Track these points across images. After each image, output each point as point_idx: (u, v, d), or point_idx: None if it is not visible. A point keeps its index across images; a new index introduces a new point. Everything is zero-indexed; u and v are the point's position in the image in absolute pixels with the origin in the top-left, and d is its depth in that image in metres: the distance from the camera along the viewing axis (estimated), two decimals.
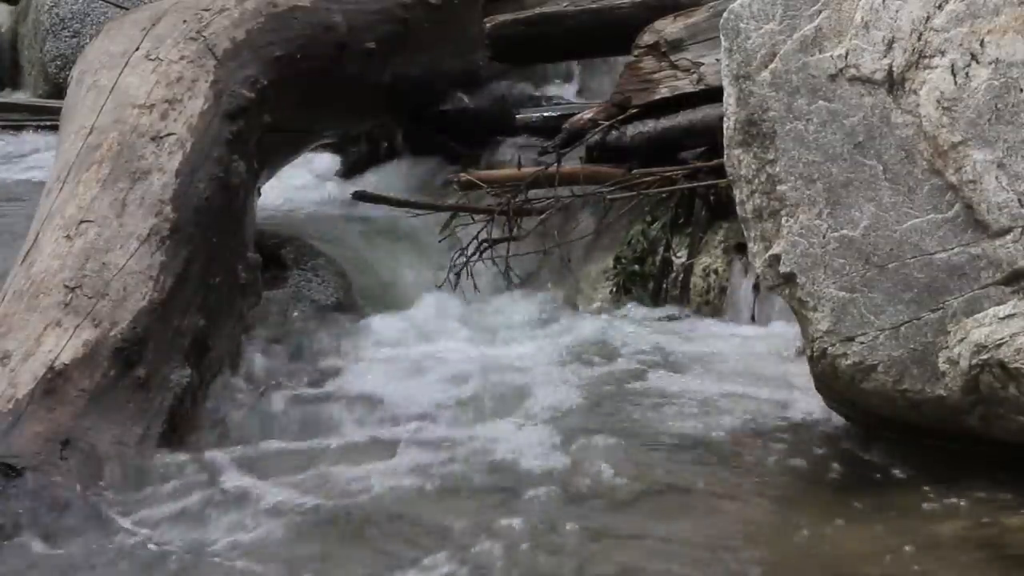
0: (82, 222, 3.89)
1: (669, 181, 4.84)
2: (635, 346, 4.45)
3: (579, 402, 3.97)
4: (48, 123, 6.54)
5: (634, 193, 4.87)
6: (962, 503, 3.23)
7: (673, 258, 4.79)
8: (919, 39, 3.37)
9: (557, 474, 3.46)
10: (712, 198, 4.80)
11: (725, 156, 3.62)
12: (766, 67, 3.50)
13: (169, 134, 4.16)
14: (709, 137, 4.78)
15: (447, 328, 4.67)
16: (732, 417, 3.82)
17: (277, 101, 4.57)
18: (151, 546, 3.10)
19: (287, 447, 3.68)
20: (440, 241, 5.06)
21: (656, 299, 4.79)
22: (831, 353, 3.42)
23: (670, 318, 4.69)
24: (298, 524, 3.20)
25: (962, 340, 3.28)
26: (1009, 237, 3.26)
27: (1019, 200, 3.25)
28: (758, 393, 4.00)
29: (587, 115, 5.19)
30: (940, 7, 3.36)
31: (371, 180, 5.77)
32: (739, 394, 4.00)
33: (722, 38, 3.58)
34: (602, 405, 3.95)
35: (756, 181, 3.52)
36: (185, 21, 4.54)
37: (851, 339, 3.39)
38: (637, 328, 4.60)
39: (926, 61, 3.35)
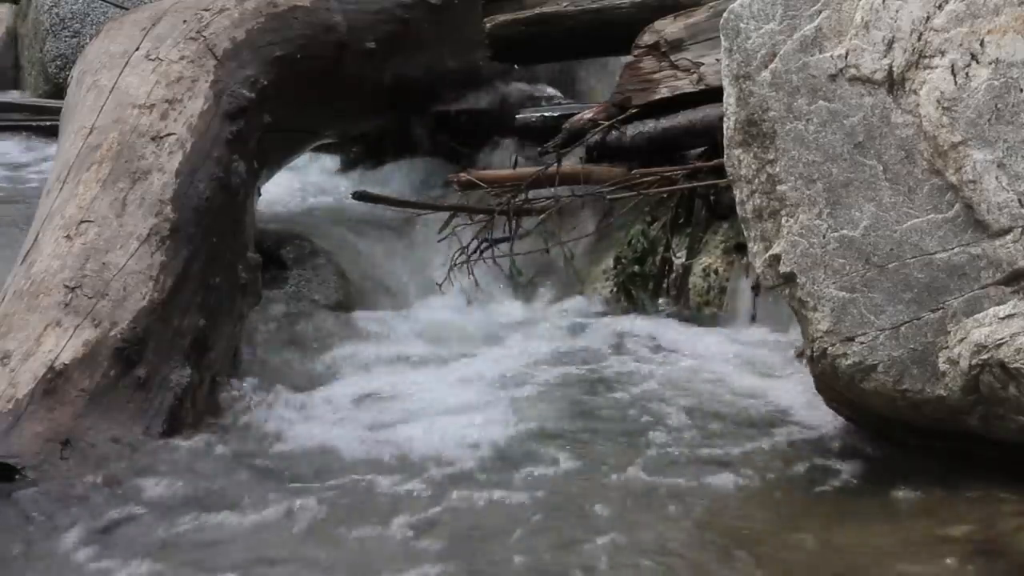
0: (82, 222, 3.90)
1: (669, 181, 4.84)
2: (634, 347, 4.45)
3: (575, 404, 3.97)
4: (48, 123, 6.54)
5: (634, 193, 4.88)
6: (962, 504, 3.23)
7: (673, 258, 4.79)
8: (919, 39, 3.37)
9: (550, 476, 3.46)
10: (712, 198, 4.80)
11: (725, 156, 3.63)
12: (766, 67, 3.50)
13: (169, 134, 4.17)
14: (709, 137, 4.78)
15: (446, 327, 4.68)
16: (731, 418, 3.83)
17: (277, 101, 4.57)
18: (150, 546, 3.11)
19: (286, 447, 3.68)
20: (439, 241, 5.06)
21: (656, 299, 4.79)
22: (831, 353, 3.42)
23: (670, 318, 4.69)
24: (299, 525, 3.20)
25: (962, 340, 3.28)
26: (1009, 237, 3.26)
27: (1019, 200, 3.25)
28: (758, 393, 4.00)
29: (587, 115, 5.19)
30: (940, 7, 3.36)
31: (371, 180, 5.77)
32: (739, 395, 4.00)
33: (722, 38, 3.58)
34: (599, 407, 3.95)
35: (756, 181, 3.52)
36: (185, 21, 4.54)
37: (851, 339, 3.39)
38: (636, 328, 4.60)
39: (926, 61, 3.35)
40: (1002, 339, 3.24)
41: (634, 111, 5.09)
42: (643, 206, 4.92)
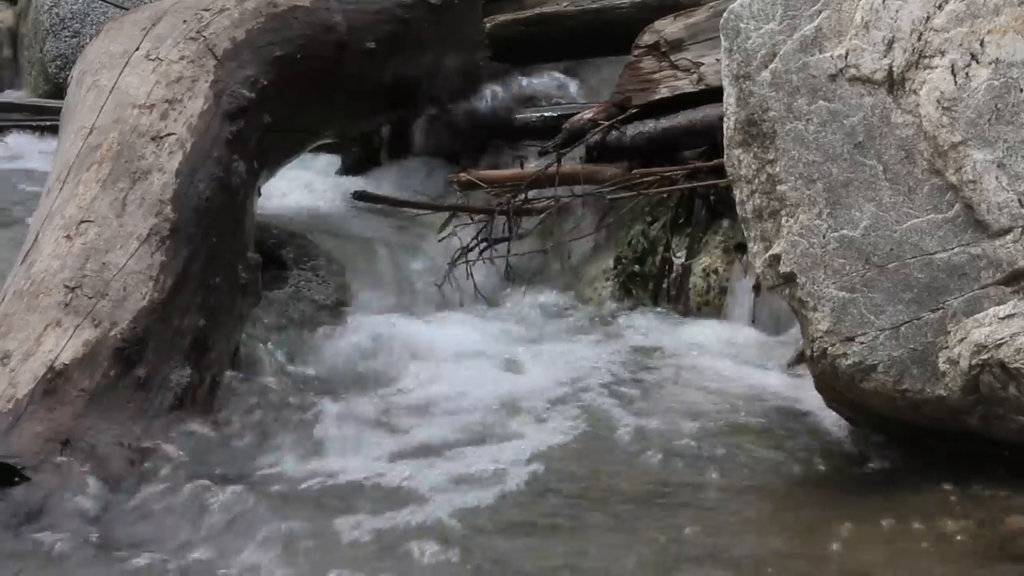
0: (82, 222, 3.89)
1: (669, 181, 4.85)
2: (634, 347, 4.45)
3: (575, 404, 3.96)
4: (48, 123, 6.54)
5: (634, 193, 4.88)
6: (963, 503, 3.23)
7: (673, 258, 4.80)
8: (919, 39, 3.37)
9: (551, 479, 3.46)
10: (712, 198, 4.80)
11: (725, 156, 3.63)
12: (766, 67, 3.50)
13: (169, 134, 4.16)
14: (709, 137, 4.78)
15: (445, 328, 4.67)
16: (732, 418, 3.83)
17: (277, 101, 4.57)
18: (149, 547, 3.10)
19: (286, 448, 3.68)
20: (439, 241, 5.06)
21: (656, 299, 4.79)
22: (831, 353, 3.42)
23: (669, 318, 4.69)
24: (298, 523, 3.20)
25: (962, 340, 3.28)
26: (1009, 237, 3.26)
27: (1019, 200, 3.25)
28: (758, 393, 4.00)
29: (587, 115, 5.20)
30: (940, 7, 3.36)
31: (371, 180, 5.78)
32: (739, 394, 4.01)
33: (722, 38, 3.58)
34: (600, 408, 3.95)
35: (756, 181, 3.52)
36: (185, 21, 4.54)
37: (851, 339, 3.39)
38: (636, 329, 4.60)
39: (926, 61, 3.36)
40: (1002, 339, 3.24)
41: (634, 111, 5.09)
42: (643, 206, 4.92)
